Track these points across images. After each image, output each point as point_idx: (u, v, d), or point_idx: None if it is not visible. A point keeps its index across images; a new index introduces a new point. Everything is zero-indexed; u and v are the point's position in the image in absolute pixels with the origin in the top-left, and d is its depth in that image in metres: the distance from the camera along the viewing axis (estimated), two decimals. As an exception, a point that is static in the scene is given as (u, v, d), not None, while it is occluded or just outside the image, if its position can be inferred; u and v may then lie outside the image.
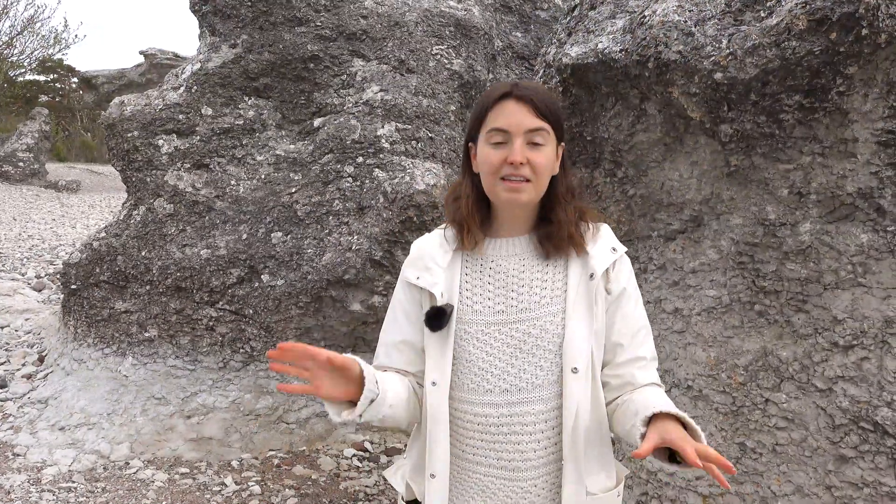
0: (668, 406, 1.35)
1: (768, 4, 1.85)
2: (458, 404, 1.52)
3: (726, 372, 2.18)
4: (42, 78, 30.28)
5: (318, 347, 1.32)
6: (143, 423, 4.20)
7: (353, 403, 1.38)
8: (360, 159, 4.47)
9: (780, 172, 1.97)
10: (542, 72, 2.65)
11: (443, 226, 1.62)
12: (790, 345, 2.04)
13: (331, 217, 4.40)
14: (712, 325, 2.23)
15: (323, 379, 1.33)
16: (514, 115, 1.44)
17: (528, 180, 1.44)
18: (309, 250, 4.35)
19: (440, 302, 1.50)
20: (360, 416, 1.39)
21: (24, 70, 23.13)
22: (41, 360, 5.15)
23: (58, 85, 32.38)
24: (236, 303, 4.42)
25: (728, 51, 1.86)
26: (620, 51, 2.13)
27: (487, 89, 1.54)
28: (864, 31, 1.67)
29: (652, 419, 1.34)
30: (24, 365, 5.10)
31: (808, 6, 1.71)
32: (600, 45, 2.20)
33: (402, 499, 1.63)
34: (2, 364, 5.16)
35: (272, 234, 4.44)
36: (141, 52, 21.47)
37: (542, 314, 1.50)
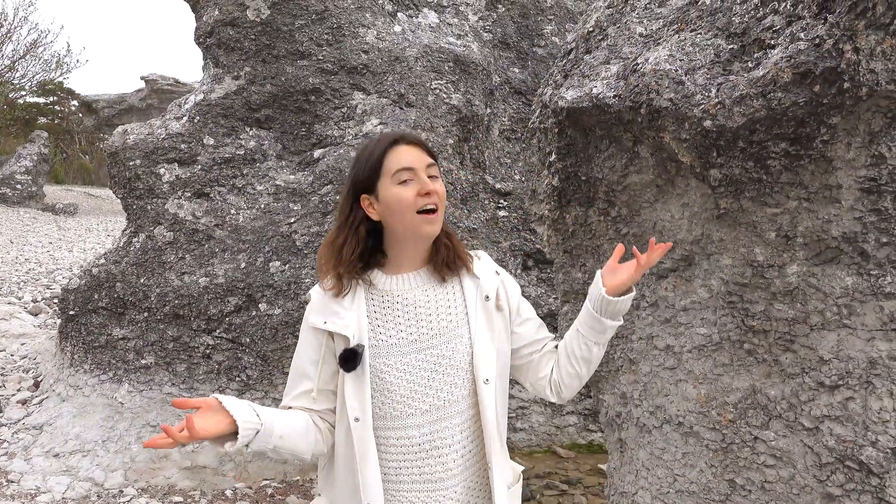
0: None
1: (755, 56, 1.93)
2: (382, 432, 1.65)
3: (716, 409, 2.22)
4: (41, 100, 30.47)
5: (187, 399, 1.44)
6: (137, 451, 4.21)
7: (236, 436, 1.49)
8: (359, 191, 4.54)
9: (767, 216, 2.03)
10: (538, 111, 2.73)
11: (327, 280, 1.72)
12: (778, 383, 2.09)
13: (329, 247, 4.46)
14: (703, 363, 2.28)
15: (195, 422, 1.40)
16: (412, 154, 1.63)
17: (436, 210, 1.63)
18: (307, 280, 4.40)
19: (352, 343, 1.63)
20: (247, 446, 1.50)
21: (25, 93, 23.28)
22: (37, 385, 5.16)
23: (57, 107, 32.58)
24: (233, 331, 4.45)
25: (717, 100, 1.94)
26: (614, 96, 2.21)
27: (368, 145, 1.69)
28: (846, 85, 1.74)
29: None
30: (19, 390, 5.11)
31: (792, 60, 1.79)
32: (595, 90, 2.28)
33: None
34: (-3, 389, 5.16)
35: (270, 264, 4.49)
36: (142, 78, 21.67)
37: (451, 336, 1.67)
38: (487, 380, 1.66)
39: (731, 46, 2.00)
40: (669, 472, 2.37)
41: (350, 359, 1.62)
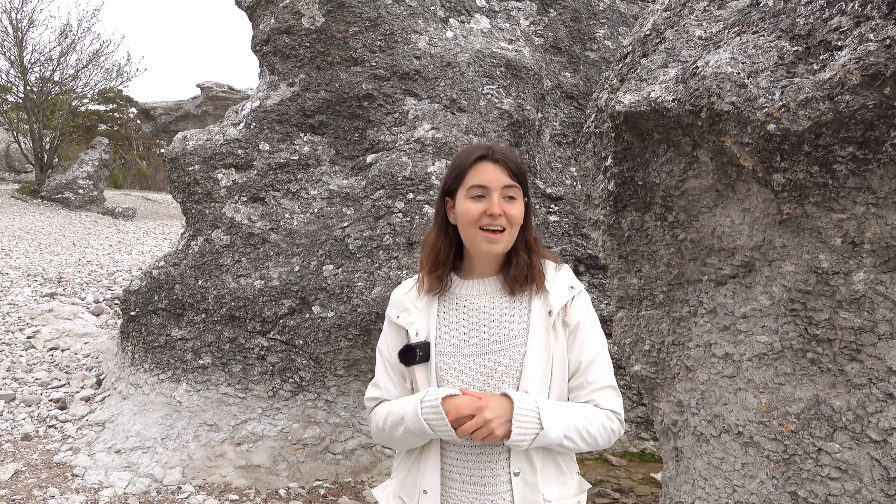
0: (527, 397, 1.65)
1: (821, 58, 1.88)
2: None
3: (777, 419, 2.17)
4: (102, 108, 31.54)
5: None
6: (195, 449, 4.31)
7: None
8: (411, 195, 4.58)
9: (833, 222, 1.98)
10: (593, 116, 2.71)
11: (416, 276, 1.86)
12: (843, 394, 2.03)
13: (381, 251, 4.51)
14: (763, 372, 2.23)
15: None
16: (491, 174, 1.69)
17: (503, 230, 1.68)
18: (359, 283, 4.45)
19: (413, 339, 1.75)
20: None
21: (87, 101, 24.09)
22: (99, 383, 5.33)
23: (117, 115, 33.69)
24: (287, 333, 4.53)
25: (781, 103, 1.90)
26: (673, 100, 2.18)
27: (464, 150, 1.78)
28: (919, 87, 1.69)
29: None
30: (82, 388, 5.29)
31: (861, 61, 1.74)
32: (653, 94, 2.26)
33: None
34: (62, 386, 5.36)
35: (324, 267, 4.56)
36: (198, 85, 22.24)
37: (508, 346, 1.71)
38: (526, 392, 1.69)
39: (796, 48, 1.96)
40: (728, 483, 2.33)
41: (405, 353, 1.72)
